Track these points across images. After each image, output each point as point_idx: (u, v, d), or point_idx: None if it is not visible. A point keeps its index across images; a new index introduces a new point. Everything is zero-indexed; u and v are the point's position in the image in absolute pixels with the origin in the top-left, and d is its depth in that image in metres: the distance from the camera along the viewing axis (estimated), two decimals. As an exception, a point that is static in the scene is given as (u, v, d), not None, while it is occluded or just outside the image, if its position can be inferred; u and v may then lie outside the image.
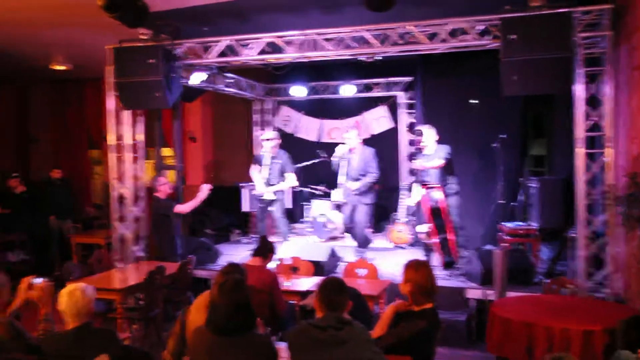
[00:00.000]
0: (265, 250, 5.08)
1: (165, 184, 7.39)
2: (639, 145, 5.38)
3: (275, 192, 8.23)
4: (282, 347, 3.26)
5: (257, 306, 4.71)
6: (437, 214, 7.03)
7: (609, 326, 3.84)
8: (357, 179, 7.75)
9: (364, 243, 8.02)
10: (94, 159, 12.71)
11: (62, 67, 10.05)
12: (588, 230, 5.86)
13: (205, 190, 7.37)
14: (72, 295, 3.38)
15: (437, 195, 7.01)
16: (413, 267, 3.72)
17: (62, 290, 3.46)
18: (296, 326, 3.18)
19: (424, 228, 7.36)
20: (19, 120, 12.71)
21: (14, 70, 10.80)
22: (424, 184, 7.18)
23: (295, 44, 7.01)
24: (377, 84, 10.30)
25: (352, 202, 7.85)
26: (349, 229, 8.20)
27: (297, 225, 10.41)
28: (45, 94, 12.63)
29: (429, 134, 7.22)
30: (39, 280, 3.82)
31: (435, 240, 7.13)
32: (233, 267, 4.10)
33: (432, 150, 7.21)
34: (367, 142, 10.41)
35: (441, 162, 7.04)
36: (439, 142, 7.23)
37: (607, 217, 5.75)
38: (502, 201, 6.96)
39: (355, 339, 3.04)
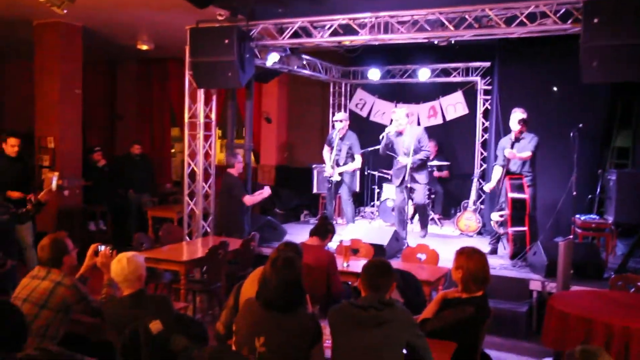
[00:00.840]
0: (323, 230, 5.11)
1: (241, 162, 7.52)
2: None
3: (342, 174, 8.29)
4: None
5: (313, 285, 4.82)
6: (518, 206, 6.82)
7: (674, 327, 3.63)
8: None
9: (425, 226, 7.91)
10: (175, 136, 13.20)
11: (146, 47, 10.45)
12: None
13: (266, 192, 7.41)
14: (119, 263, 3.55)
15: (522, 186, 6.82)
16: (466, 254, 3.64)
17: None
18: (338, 305, 3.20)
19: (496, 216, 7.18)
20: (106, 97, 13.37)
21: (104, 49, 11.34)
22: (508, 174, 6.98)
23: (368, 26, 6.96)
24: (455, 69, 10.07)
25: (409, 183, 7.63)
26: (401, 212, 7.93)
27: (365, 209, 10.42)
28: (132, 72, 13.21)
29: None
30: (103, 247, 4.04)
31: (509, 230, 6.94)
32: (289, 245, 4.16)
33: (524, 136, 7.00)
34: (440, 127, 10.34)
35: (529, 153, 6.85)
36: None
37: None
38: (575, 192, 6.66)
39: (396, 320, 3.03)
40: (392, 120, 7.97)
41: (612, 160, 8.27)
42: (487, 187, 7.44)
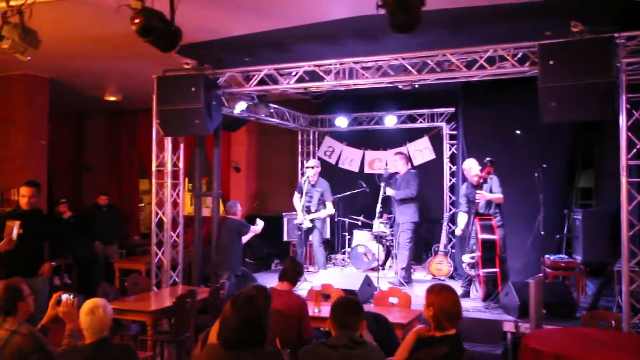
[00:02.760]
0: (293, 273, 5.03)
1: (241, 210, 8.13)
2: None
3: (313, 221, 8.28)
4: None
5: (284, 330, 4.71)
6: (488, 247, 6.87)
7: (645, 360, 3.62)
8: None
9: (407, 269, 8.24)
10: (144, 189, 13.04)
11: (114, 98, 10.44)
12: (633, 262, 5.60)
13: (260, 225, 7.81)
14: (95, 313, 3.38)
15: (492, 227, 6.90)
16: (435, 290, 3.59)
17: (82, 308, 3.47)
18: (309, 345, 3.12)
19: (467, 258, 7.20)
20: (75, 149, 13.23)
21: (72, 100, 11.29)
22: (477, 215, 7.06)
23: (333, 72, 7.08)
24: (421, 115, 10.25)
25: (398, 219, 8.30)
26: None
27: (337, 256, 10.35)
28: (101, 124, 13.15)
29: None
30: (65, 297, 3.89)
31: (480, 272, 6.95)
32: (256, 288, 4.08)
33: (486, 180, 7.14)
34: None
35: (500, 195, 7.01)
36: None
37: (653, 249, 5.49)
38: (542, 232, 6.74)
39: (368, 358, 2.96)
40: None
41: (577, 201, 8.42)
42: (458, 231, 7.51)
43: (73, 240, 9.50)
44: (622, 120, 5.68)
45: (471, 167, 7.29)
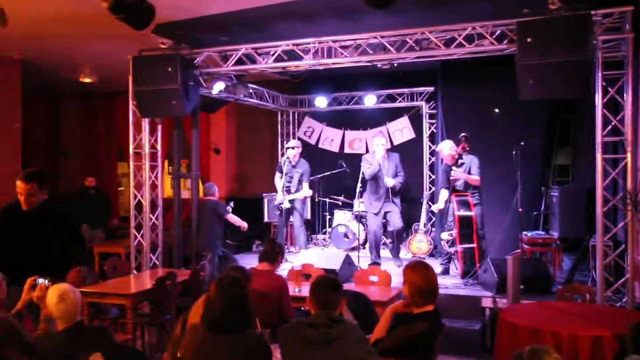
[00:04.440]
0: (271, 253, 5.02)
1: (218, 192, 8.07)
2: (659, 149, 5.21)
3: (292, 202, 8.28)
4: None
5: (265, 311, 4.71)
6: (465, 223, 6.92)
7: (619, 332, 3.67)
8: None
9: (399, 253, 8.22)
10: (123, 172, 12.91)
11: (89, 80, 10.26)
12: (607, 237, 5.68)
13: (244, 225, 8.05)
14: (66, 299, 3.34)
15: (469, 204, 6.94)
16: (410, 267, 3.61)
17: (49, 297, 3.40)
18: (288, 324, 3.13)
19: (446, 236, 7.26)
20: (50, 133, 13.01)
21: (46, 83, 11.08)
22: (454, 192, 7.10)
23: (312, 51, 7.02)
24: (400, 94, 10.24)
25: (386, 208, 7.94)
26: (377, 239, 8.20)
27: (318, 236, 10.37)
28: (76, 107, 12.93)
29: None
30: (41, 281, 3.84)
31: (458, 248, 7.02)
32: (236, 269, 4.07)
33: (464, 158, 7.15)
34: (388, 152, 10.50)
35: (478, 178, 7.04)
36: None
37: (627, 223, 5.55)
38: (521, 209, 6.81)
39: (347, 337, 2.97)
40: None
41: (554, 178, 8.50)
42: (436, 208, 7.57)
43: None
44: (598, 98, 5.72)
45: (443, 148, 7.32)
